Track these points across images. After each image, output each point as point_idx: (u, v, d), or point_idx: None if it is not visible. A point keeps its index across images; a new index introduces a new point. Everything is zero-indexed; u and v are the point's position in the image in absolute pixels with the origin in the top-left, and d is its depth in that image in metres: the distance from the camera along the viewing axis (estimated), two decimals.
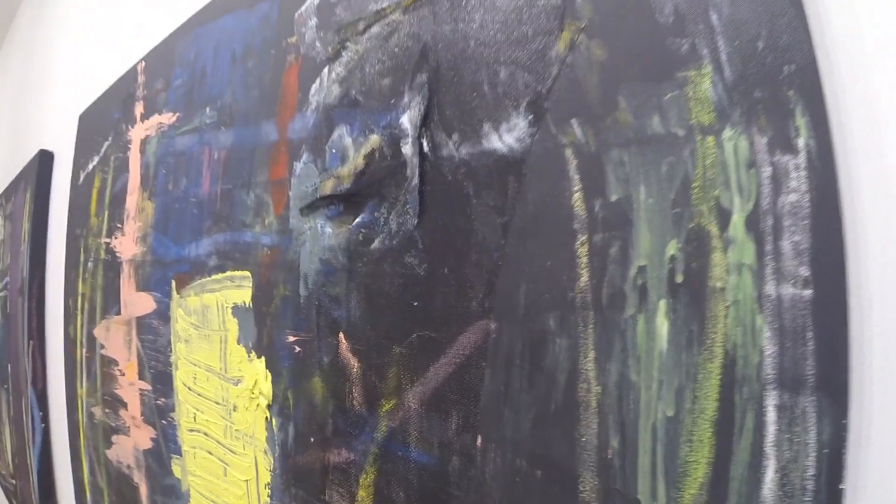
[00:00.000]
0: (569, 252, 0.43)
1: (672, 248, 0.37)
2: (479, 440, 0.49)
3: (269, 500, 0.72)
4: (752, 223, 0.34)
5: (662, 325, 0.37)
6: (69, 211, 1.43)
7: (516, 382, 0.46)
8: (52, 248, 1.59)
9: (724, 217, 0.35)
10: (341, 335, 0.61)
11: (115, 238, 1.17)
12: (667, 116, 0.37)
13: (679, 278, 0.36)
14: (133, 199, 1.10)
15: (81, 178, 1.37)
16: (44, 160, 1.69)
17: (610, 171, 0.40)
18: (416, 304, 0.54)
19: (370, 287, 0.58)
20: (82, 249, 1.33)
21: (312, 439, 0.65)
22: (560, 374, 0.43)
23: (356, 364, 0.59)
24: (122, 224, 1.14)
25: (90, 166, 1.33)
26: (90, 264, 1.28)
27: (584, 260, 0.42)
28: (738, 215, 0.34)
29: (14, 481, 1.88)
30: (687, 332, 0.36)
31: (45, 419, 1.58)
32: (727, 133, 0.35)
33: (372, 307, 0.58)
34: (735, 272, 0.34)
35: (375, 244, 0.58)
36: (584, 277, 0.42)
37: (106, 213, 1.22)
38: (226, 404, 0.81)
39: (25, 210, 1.74)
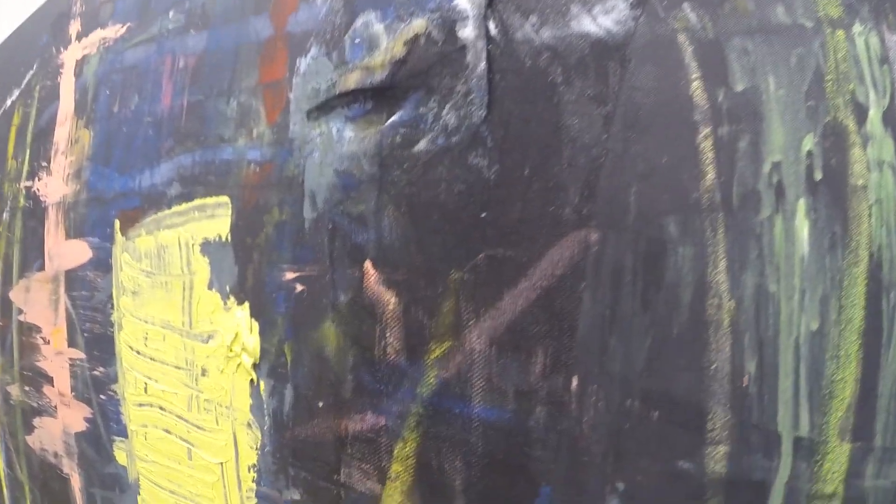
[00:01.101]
0: (690, 147, 0.37)
1: (808, 143, 0.35)
2: (574, 382, 0.39)
3: (254, 486, 0.57)
4: (890, 119, 0.33)
5: (802, 228, 0.35)
6: None
7: (627, 305, 0.37)
8: None
9: (860, 112, 0.34)
10: (368, 264, 0.48)
11: (39, 179, 0.97)
12: (792, 7, 0.36)
13: (818, 175, 0.35)
14: (64, 129, 0.91)
15: None
16: None
17: (733, 60, 0.37)
18: (483, 215, 0.42)
19: (414, 199, 0.45)
20: None
21: (321, 404, 0.51)
22: (684, 289, 0.36)
23: (392, 300, 0.46)
24: (49, 162, 0.95)
25: (8, 102, 1.12)
26: (5, 216, 1.07)
27: (710, 155, 0.37)
28: (874, 111, 0.34)
29: None
30: (830, 234, 0.34)
31: None
32: (857, 28, 0.34)
33: (416, 224, 0.45)
34: (876, 169, 0.33)
35: (421, 145, 0.45)
36: (710, 175, 0.36)
37: (28, 152, 1.02)
38: (191, 368, 0.66)
39: None
